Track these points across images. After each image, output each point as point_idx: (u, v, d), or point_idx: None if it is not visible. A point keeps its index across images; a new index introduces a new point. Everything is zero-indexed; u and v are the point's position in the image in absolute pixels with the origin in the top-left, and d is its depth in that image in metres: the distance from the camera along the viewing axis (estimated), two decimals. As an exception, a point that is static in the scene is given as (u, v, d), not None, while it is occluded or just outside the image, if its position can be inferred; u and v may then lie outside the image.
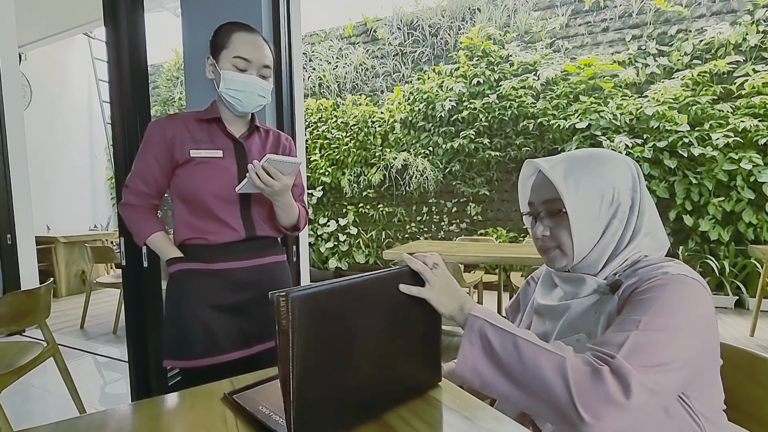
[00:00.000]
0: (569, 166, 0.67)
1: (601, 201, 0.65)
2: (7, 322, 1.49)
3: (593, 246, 0.66)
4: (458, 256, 2.29)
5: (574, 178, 0.65)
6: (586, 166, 0.66)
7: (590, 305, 0.66)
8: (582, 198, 0.65)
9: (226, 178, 0.96)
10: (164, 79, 6.24)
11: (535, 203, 0.72)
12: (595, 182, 0.65)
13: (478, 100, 4.21)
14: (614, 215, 0.65)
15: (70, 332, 3.20)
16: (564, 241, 0.67)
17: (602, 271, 0.67)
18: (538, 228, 0.71)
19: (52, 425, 0.60)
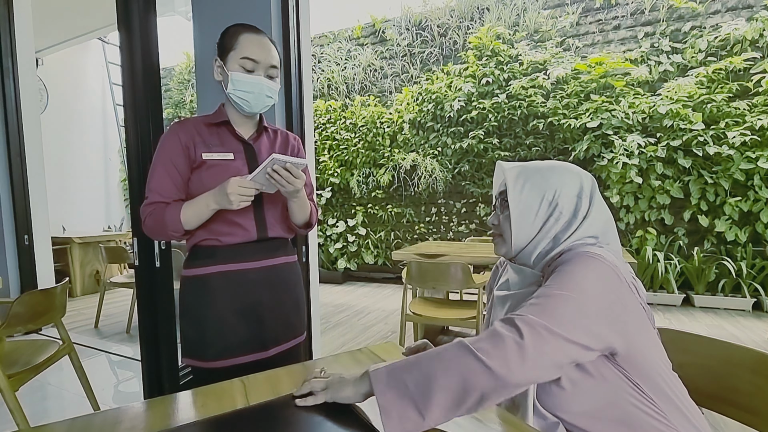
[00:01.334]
0: (524, 170, 0.76)
1: (542, 201, 0.73)
2: (24, 321, 1.53)
3: (530, 240, 0.74)
4: (467, 257, 2.28)
5: (523, 177, 0.75)
6: (538, 172, 0.75)
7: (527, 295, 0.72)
8: (525, 195, 0.74)
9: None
10: (176, 81, 6.32)
11: (495, 195, 0.84)
12: (539, 183, 0.74)
13: (487, 100, 4.18)
14: (551, 215, 0.73)
15: (84, 331, 3.25)
16: (506, 231, 0.77)
17: (540, 264, 0.75)
18: (492, 216, 0.82)
19: (67, 422, 0.61)
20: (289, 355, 1.08)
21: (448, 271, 2.14)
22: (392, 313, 3.60)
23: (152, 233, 0.97)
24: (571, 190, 0.73)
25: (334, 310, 3.80)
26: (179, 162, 0.96)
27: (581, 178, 0.75)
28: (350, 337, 3.02)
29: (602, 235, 0.72)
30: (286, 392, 0.69)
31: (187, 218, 0.93)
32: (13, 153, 3.24)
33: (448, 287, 2.28)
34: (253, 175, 0.92)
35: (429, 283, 2.24)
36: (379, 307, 3.86)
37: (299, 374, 0.79)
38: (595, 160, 3.78)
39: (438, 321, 2.23)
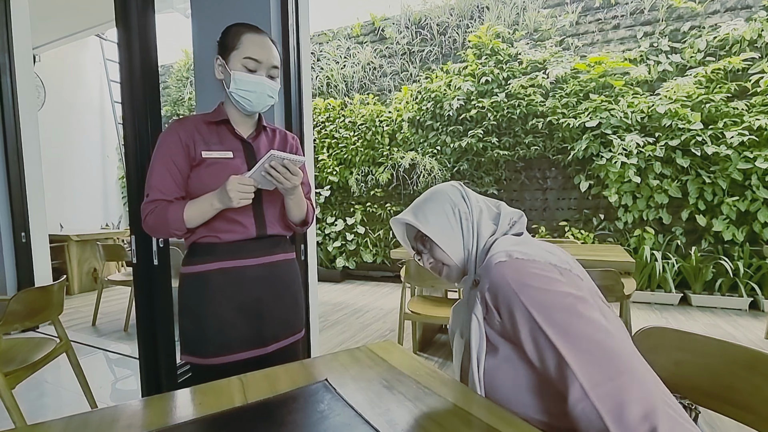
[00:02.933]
0: (414, 208, 0.85)
1: (447, 215, 0.81)
2: (21, 319, 1.52)
3: (463, 248, 0.81)
4: (466, 256, 2.28)
5: (420, 212, 0.83)
6: (425, 202, 0.85)
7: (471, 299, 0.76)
8: (433, 221, 0.81)
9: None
10: (174, 79, 6.30)
11: (412, 245, 0.90)
12: (434, 206, 0.83)
13: (487, 98, 4.18)
14: (462, 218, 0.81)
15: (82, 329, 3.25)
16: (442, 258, 0.82)
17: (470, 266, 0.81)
18: (424, 259, 0.86)
19: (65, 419, 0.61)
20: (288, 352, 1.09)
21: (447, 269, 2.14)
22: (391, 312, 3.60)
23: (153, 231, 0.97)
24: (456, 196, 0.84)
25: (332, 308, 3.80)
26: (179, 160, 0.96)
27: (453, 186, 0.86)
28: (348, 336, 3.02)
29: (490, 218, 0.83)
30: (284, 390, 0.69)
31: (190, 217, 0.94)
32: (10, 150, 3.22)
33: (447, 285, 2.28)
34: (252, 172, 0.92)
35: (427, 282, 2.24)
36: (377, 305, 3.86)
37: (297, 373, 0.79)
38: (594, 159, 3.78)
39: (436, 319, 2.23)
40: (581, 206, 4.03)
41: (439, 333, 2.99)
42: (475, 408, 0.63)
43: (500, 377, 0.68)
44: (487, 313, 0.71)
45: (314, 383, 0.72)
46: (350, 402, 0.64)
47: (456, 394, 0.68)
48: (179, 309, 1.02)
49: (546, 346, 0.61)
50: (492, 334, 0.71)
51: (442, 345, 2.77)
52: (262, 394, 0.68)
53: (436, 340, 2.87)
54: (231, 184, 0.89)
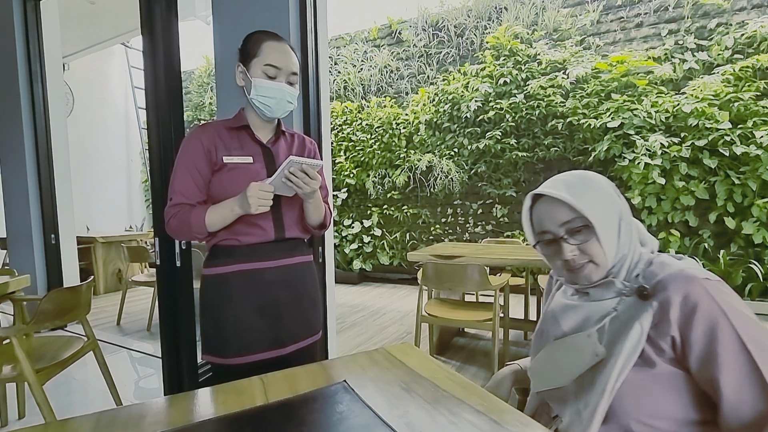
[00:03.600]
0: (570, 188, 0.72)
1: (609, 208, 0.72)
2: (52, 318, 1.58)
3: (618, 249, 0.72)
4: (484, 259, 2.25)
5: (581, 194, 0.71)
6: (584, 184, 0.73)
7: (609, 303, 0.70)
8: (598, 210, 0.70)
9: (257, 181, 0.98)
10: (195, 85, 6.46)
11: (550, 229, 0.75)
12: (597, 195, 0.72)
13: (505, 100, 4.14)
14: (621, 218, 0.72)
15: (107, 328, 3.34)
16: (595, 254, 0.71)
17: (619, 273, 0.72)
18: (566, 249, 0.73)
19: (95, 415, 0.63)
20: (306, 353, 1.10)
21: (465, 272, 2.12)
22: (408, 314, 3.59)
23: (176, 234, 1.00)
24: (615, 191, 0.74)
25: (349, 310, 3.81)
26: (201, 165, 0.99)
27: (607, 180, 0.76)
28: (366, 338, 3.02)
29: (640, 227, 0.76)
30: (304, 391, 0.70)
31: (211, 221, 0.96)
32: (41, 155, 3.35)
33: (465, 289, 2.26)
34: (273, 178, 0.94)
35: (445, 285, 2.22)
36: (394, 307, 3.85)
37: (317, 374, 0.80)
38: (616, 160, 3.69)
39: (454, 322, 2.21)
40: (603, 208, 3.94)
41: (457, 336, 2.97)
42: (495, 412, 0.62)
43: (641, 393, 0.64)
44: (656, 326, 0.64)
45: (333, 384, 0.72)
46: (369, 403, 0.64)
47: (475, 397, 0.67)
48: (200, 309, 1.04)
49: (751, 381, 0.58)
50: (649, 349, 0.64)
51: (459, 348, 2.74)
52: (282, 394, 0.69)
53: (454, 343, 2.85)
54: (251, 191, 0.91)
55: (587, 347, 0.69)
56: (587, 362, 0.68)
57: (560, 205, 0.72)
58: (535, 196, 0.77)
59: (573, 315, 0.75)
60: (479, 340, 2.88)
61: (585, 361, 0.68)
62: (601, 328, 0.69)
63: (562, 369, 0.72)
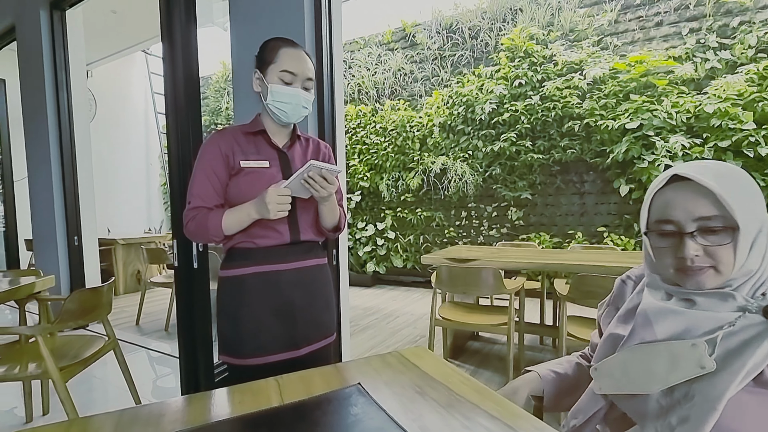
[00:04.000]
0: (720, 179, 0.62)
1: (757, 215, 0.62)
2: (75, 317, 1.62)
3: (752, 272, 0.63)
4: (499, 262, 2.23)
5: (733, 190, 0.61)
6: (736, 179, 0.63)
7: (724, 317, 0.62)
8: (747, 213, 0.61)
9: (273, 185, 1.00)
10: (212, 90, 6.58)
11: (678, 220, 0.65)
12: (749, 195, 0.63)
13: (520, 101, 4.10)
14: (761, 230, 0.63)
15: (126, 328, 3.42)
16: (724, 261, 0.62)
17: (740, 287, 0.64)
18: (690, 247, 0.64)
19: (117, 413, 0.65)
20: (320, 354, 1.10)
21: (479, 275, 2.10)
22: (421, 317, 3.57)
23: (194, 236, 1.02)
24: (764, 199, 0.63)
25: (363, 313, 3.82)
26: (219, 169, 1.01)
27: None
28: (379, 340, 3.02)
29: None
30: (319, 393, 0.70)
31: (228, 225, 0.98)
32: (65, 160, 3.46)
33: (479, 292, 2.24)
34: (290, 181, 0.96)
35: (459, 288, 2.21)
36: (408, 310, 3.84)
37: (331, 376, 0.80)
38: (635, 162, 3.62)
39: (468, 326, 2.20)
40: (621, 211, 3.86)
41: (471, 340, 2.94)
42: (510, 417, 0.62)
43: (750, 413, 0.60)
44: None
45: (347, 387, 0.72)
46: (383, 406, 0.64)
47: (490, 402, 0.67)
48: (217, 311, 1.06)
49: None
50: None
51: (474, 352, 2.72)
52: (297, 395, 0.70)
53: (468, 347, 2.82)
54: (270, 197, 0.93)
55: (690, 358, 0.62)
56: (687, 373, 0.61)
57: (702, 196, 0.62)
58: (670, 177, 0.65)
59: (672, 321, 0.66)
60: (493, 344, 2.85)
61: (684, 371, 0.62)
62: (710, 341, 0.61)
63: (650, 375, 0.65)
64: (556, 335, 2.61)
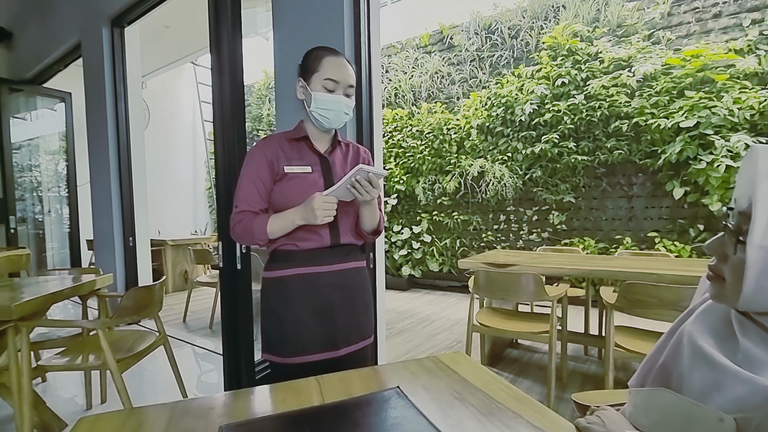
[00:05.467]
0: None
1: None
2: (130, 313, 1.73)
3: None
4: (540, 267, 2.16)
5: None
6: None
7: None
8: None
9: (315, 190, 1.04)
10: (255, 97, 6.84)
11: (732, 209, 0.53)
12: None
13: (563, 101, 3.96)
14: None
15: (174, 324, 3.61)
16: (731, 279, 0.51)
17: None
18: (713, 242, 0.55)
19: (171, 404, 0.69)
20: (358, 356, 1.12)
21: (519, 281, 2.04)
22: (458, 323, 3.52)
23: (240, 239, 1.07)
24: None
25: (398, 316, 3.81)
26: (264, 175, 1.06)
27: None
28: (415, 344, 3.00)
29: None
30: (359, 394, 0.71)
31: (272, 230, 1.03)
32: (122, 166, 3.72)
33: (518, 298, 2.17)
34: (336, 187, 0.99)
35: (497, 294, 2.15)
36: (444, 315, 3.80)
37: (370, 378, 0.81)
38: (690, 163, 3.38)
39: (507, 333, 2.13)
40: (675, 215, 3.62)
41: (509, 347, 2.86)
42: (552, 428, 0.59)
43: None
44: None
45: (387, 389, 0.72)
46: (422, 410, 0.64)
47: (532, 412, 0.64)
48: (261, 310, 1.10)
49: None
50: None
51: (512, 360, 2.64)
52: (337, 395, 0.71)
53: (506, 354, 2.74)
54: (317, 203, 0.97)
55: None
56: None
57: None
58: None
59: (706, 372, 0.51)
60: (534, 353, 2.76)
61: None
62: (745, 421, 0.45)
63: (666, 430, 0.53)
64: (602, 345, 2.48)
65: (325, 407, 0.66)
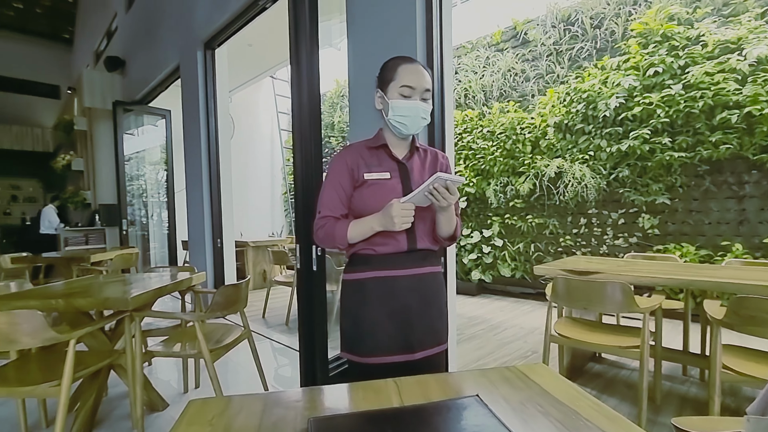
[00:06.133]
0: None
1: None
2: (221, 308, 1.90)
3: None
4: (628, 276, 1.96)
5: None
6: None
7: None
8: None
9: (393, 196, 1.07)
10: (327, 106, 7.15)
11: None
12: None
13: (656, 92, 3.58)
14: None
15: (254, 320, 3.88)
16: None
17: None
18: None
19: (263, 395, 0.75)
20: (433, 360, 1.12)
21: (604, 290, 1.88)
22: (532, 332, 3.34)
23: (322, 243, 1.13)
24: None
25: (468, 322, 3.72)
26: (345, 182, 1.11)
27: None
28: (486, 352, 2.90)
29: None
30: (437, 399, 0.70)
31: (352, 235, 1.07)
32: (212, 174, 4.11)
33: (604, 309, 2.00)
34: (414, 194, 1.00)
35: (579, 303, 2.00)
36: (516, 323, 3.63)
37: (447, 384, 0.80)
38: (821, 157, 2.87)
39: (590, 346, 1.97)
40: (800, 219, 3.09)
41: (592, 361, 2.64)
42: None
43: None
44: None
45: (465, 397, 0.71)
46: (504, 422, 0.62)
47: None
48: (340, 311, 1.16)
49: None
50: None
51: (595, 375, 2.44)
52: (416, 399, 0.71)
53: (588, 369, 2.54)
54: (395, 211, 0.99)
55: None
56: None
57: None
58: None
59: None
60: (620, 369, 2.52)
61: None
62: None
63: None
64: (705, 366, 2.19)
65: (405, 409, 0.66)
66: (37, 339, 1.44)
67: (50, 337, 1.45)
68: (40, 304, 1.59)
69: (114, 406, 2.15)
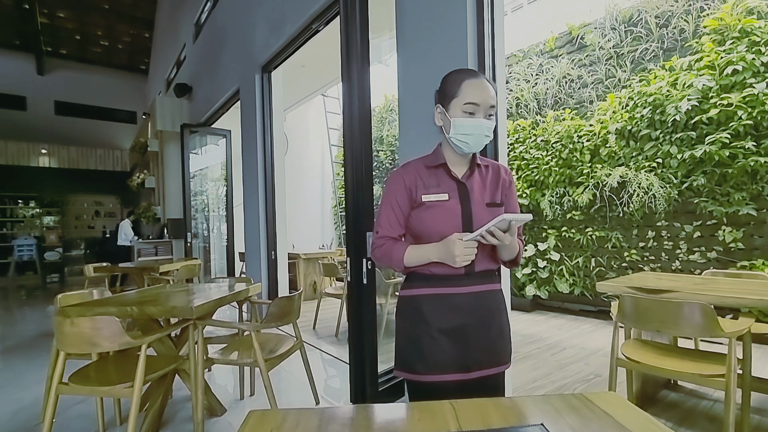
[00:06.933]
0: None
1: None
2: (276, 319, 1.96)
3: None
4: (708, 296, 1.76)
5: None
6: None
7: None
8: None
9: (451, 218, 1.04)
10: (376, 120, 7.28)
11: None
12: None
13: (735, 93, 3.26)
14: None
15: (305, 331, 3.95)
16: None
17: None
18: None
19: (320, 410, 0.75)
20: (490, 381, 1.07)
21: (680, 312, 1.70)
22: (595, 353, 3.10)
23: (379, 262, 1.12)
24: None
25: (522, 339, 3.54)
26: (403, 202, 1.09)
27: None
28: (543, 373, 2.74)
29: None
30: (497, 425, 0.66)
31: (409, 260, 1.06)
32: (268, 189, 4.31)
33: (680, 332, 1.80)
34: (477, 233, 0.97)
35: (651, 325, 1.83)
36: (576, 343, 3.39)
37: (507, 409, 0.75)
38: None
39: (665, 373, 1.79)
40: None
41: (665, 389, 2.39)
42: None
43: None
44: None
45: (529, 425, 0.66)
46: (576, 458, 0.56)
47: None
48: (396, 327, 1.13)
49: None
50: None
51: (670, 405, 2.20)
52: (474, 424, 0.67)
53: (662, 397, 2.30)
54: (458, 249, 0.97)
55: None
56: None
57: None
58: None
59: None
60: (700, 399, 2.26)
61: None
62: None
63: None
64: (807, 401, 1.90)
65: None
66: (114, 343, 1.57)
67: (126, 341, 1.57)
68: (118, 311, 1.73)
69: (178, 408, 2.27)
